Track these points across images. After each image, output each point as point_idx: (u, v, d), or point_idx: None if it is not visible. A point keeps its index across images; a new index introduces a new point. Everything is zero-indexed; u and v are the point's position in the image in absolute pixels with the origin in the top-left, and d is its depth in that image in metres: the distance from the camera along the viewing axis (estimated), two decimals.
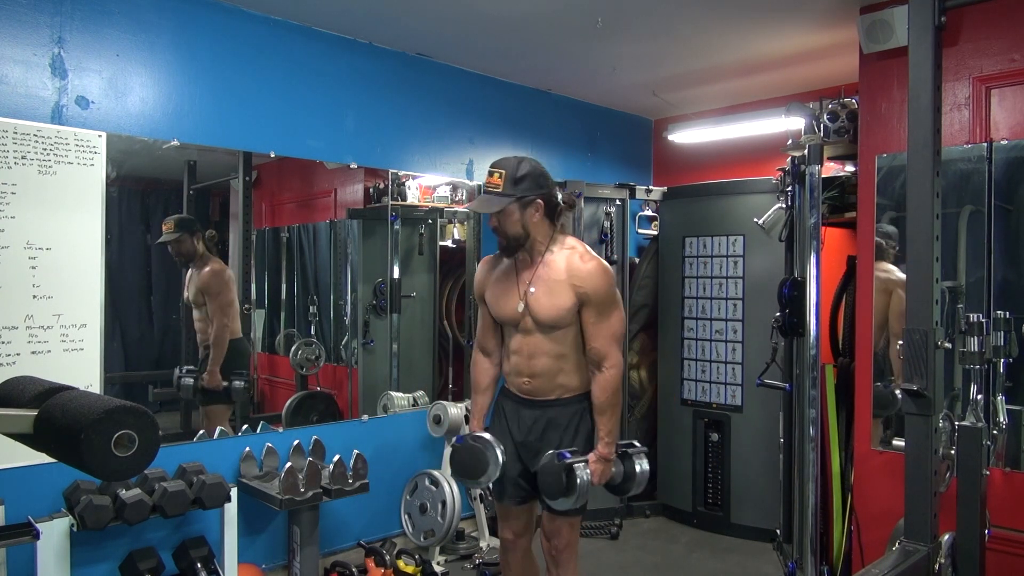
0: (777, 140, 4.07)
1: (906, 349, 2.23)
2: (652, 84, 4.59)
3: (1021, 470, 2.82)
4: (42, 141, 2.77)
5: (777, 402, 3.79)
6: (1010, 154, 2.90)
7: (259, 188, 3.58)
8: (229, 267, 3.50)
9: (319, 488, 3.17)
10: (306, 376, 3.85)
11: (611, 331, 2.47)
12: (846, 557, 3.40)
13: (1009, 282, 2.90)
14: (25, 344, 2.74)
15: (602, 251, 4.49)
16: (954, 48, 2.98)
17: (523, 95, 4.63)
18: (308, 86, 3.59)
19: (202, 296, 3.45)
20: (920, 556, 2.18)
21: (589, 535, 4.19)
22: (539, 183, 2.49)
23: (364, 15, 3.46)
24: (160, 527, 3.03)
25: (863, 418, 3.28)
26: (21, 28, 2.74)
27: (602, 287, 2.45)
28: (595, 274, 2.46)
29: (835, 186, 3.69)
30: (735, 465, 4.19)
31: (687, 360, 4.40)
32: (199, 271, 3.44)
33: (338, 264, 4.01)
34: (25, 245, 2.74)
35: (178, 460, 3.00)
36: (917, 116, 2.26)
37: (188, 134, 3.18)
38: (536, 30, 3.64)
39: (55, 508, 2.71)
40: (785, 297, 3.50)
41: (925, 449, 2.21)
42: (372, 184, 4.00)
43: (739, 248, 4.19)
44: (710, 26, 3.58)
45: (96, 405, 0.95)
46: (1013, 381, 2.81)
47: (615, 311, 2.49)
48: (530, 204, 2.47)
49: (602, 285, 2.45)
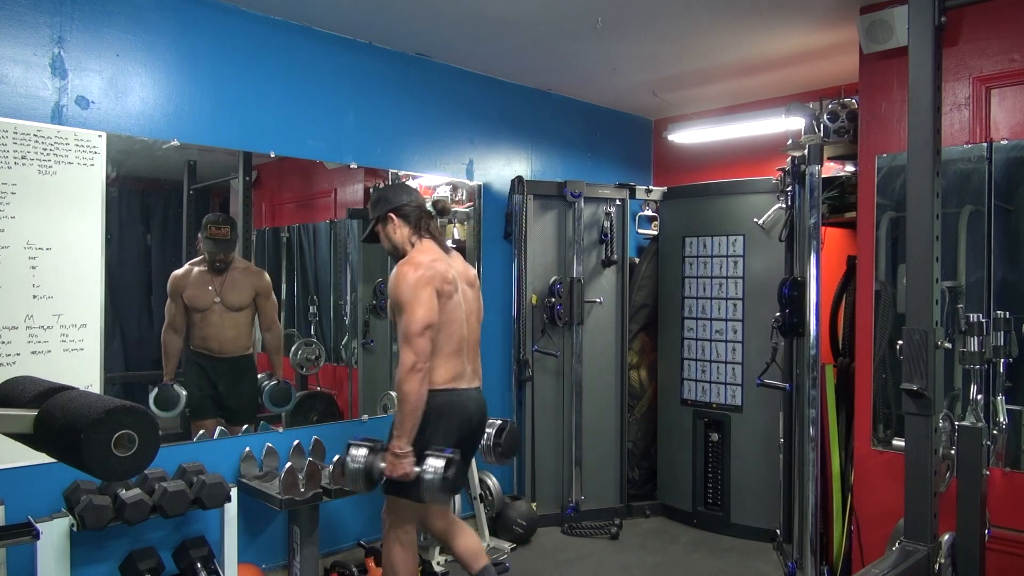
0: (777, 140, 4.07)
1: (906, 349, 2.23)
2: (652, 84, 4.59)
3: (1021, 470, 2.82)
4: (42, 141, 2.77)
5: (777, 402, 3.79)
6: (1010, 154, 2.90)
7: (259, 188, 3.58)
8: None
9: (319, 488, 3.17)
10: (306, 376, 3.85)
11: (401, 330, 2.66)
12: (846, 557, 3.40)
13: (1009, 282, 2.90)
14: (25, 344, 2.74)
15: (602, 251, 4.50)
16: (954, 48, 2.98)
17: (523, 95, 4.63)
18: (308, 86, 3.59)
19: (252, 300, 3.51)
20: (920, 556, 2.18)
21: (589, 535, 4.19)
22: (385, 201, 2.85)
23: (364, 15, 3.46)
24: (160, 527, 3.03)
25: (863, 418, 3.28)
26: (21, 28, 2.74)
27: (394, 290, 2.70)
28: (392, 279, 2.72)
29: (835, 186, 3.69)
30: (735, 465, 4.19)
31: (687, 360, 4.40)
32: (244, 273, 3.48)
33: (338, 264, 4.01)
34: (25, 245, 2.74)
35: (178, 460, 3.00)
36: (917, 116, 2.26)
37: (188, 134, 3.18)
38: (536, 30, 3.64)
39: (55, 508, 2.71)
40: (785, 297, 3.50)
41: (925, 449, 2.21)
42: (372, 184, 4.00)
43: (739, 248, 4.19)
44: (710, 26, 3.58)
45: (96, 405, 0.95)
46: (1013, 381, 2.81)
47: (404, 313, 2.65)
48: (385, 221, 2.84)
49: (394, 288, 2.70)
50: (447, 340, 2.75)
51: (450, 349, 2.76)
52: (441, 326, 2.71)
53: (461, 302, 2.82)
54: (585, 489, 4.38)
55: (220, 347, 3.45)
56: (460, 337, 2.80)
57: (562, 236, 4.48)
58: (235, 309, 3.46)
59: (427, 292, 2.66)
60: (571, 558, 3.89)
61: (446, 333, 2.74)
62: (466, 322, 2.84)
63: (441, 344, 2.72)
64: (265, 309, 3.57)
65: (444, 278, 2.74)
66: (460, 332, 2.80)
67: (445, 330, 2.74)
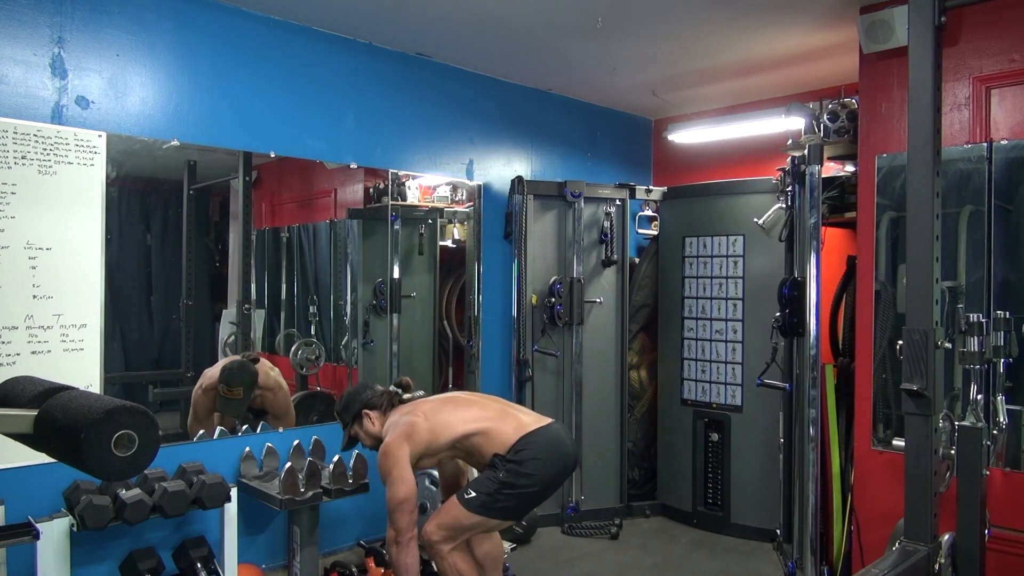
0: (777, 140, 4.07)
1: (906, 349, 2.23)
2: (652, 84, 4.59)
3: (1021, 470, 2.82)
4: (42, 141, 2.77)
5: (777, 402, 3.79)
6: (1010, 154, 2.90)
7: (259, 188, 3.58)
8: (230, 268, 3.52)
9: (319, 488, 3.17)
10: (306, 376, 3.85)
11: (387, 500, 2.76)
12: (846, 557, 3.40)
13: (1009, 282, 2.90)
14: (25, 344, 2.74)
15: (602, 251, 4.50)
16: (954, 48, 2.98)
17: (523, 95, 4.63)
18: (308, 86, 3.59)
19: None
20: (920, 556, 2.18)
21: (589, 535, 4.19)
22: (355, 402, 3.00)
23: (364, 15, 3.46)
24: (160, 527, 3.03)
25: (863, 418, 3.28)
26: (21, 28, 2.74)
27: (379, 468, 2.82)
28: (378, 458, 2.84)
29: (835, 186, 3.69)
30: (735, 465, 4.19)
31: (687, 360, 4.40)
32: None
33: (338, 264, 4.01)
34: (25, 245, 2.74)
35: (178, 460, 3.00)
36: (917, 116, 2.26)
37: (188, 134, 3.18)
38: (536, 30, 3.64)
39: (55, 508, 2.71)
40: (785, 297, 3.50)
41: (925, 449, 2.21)
42: (372, 184, 4.00)
43: (739, 248, 4.19)
44: (710, 26, 3.58)
45: (96, 405, 0.95)
46: (1013, 381, 2.81)
47: (387, 487, 2.76)
48: (361, 419, 2.98)
49: (379, 467, 2.82)
50: (477, 426, 2.84)
51: (486, 427, 2.83)
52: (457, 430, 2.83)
53: (452, 407, 2.93)
54: (585, 489, 4.38)
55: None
56: (486, 410, 2.90)
57: (562, 236, 4.47)
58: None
59: (402, 462, 2.75)
60: (571, 558, 3.89)
61: (471, 426, 2.84)
62: (481, 400, 3.01)
63: (477, 432, 2.83)
64: (274, 403, 3.58)
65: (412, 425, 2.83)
66: (479, 414, 2.88)
67: (468, 425, 2.84)
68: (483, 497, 2.73)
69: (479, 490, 2.75)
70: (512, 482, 2.72)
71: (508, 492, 2.73)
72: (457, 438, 2.82)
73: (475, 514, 2.73)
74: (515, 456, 2.75)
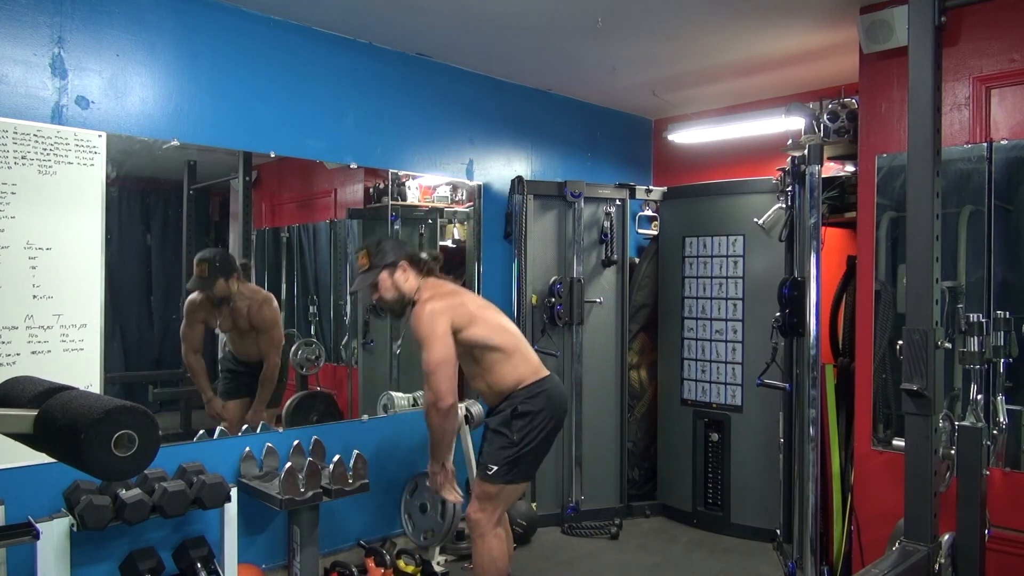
0: (777, 140, 4.07)
1: (906, 349, 2.23)
2: (652, 84, 4.59)
3: (1021, 470, 2.82)
4: (42, 141, 2.77)
5: (777, 402, 3.79)
6: (1010, 154, 2.90)
7: (259, 188, 3.58)
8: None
9: (319, 488, 3.17)
10: (306, 376, 3.85)
11: (423, 363, 2.73)
12: (846, 557, 3.40)
13: (1009, 282, 2.90)
14: (25, 344, 2.74)
15: (602, 251, 4.50)
16: (954, 48, 2.98)
17: (523, 95, 4.63)
18: (308, 86, 3.59)
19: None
20: (920, 556, 2.18)
21: (589, 535, 4.19)
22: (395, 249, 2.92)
23: (364, 15, 3.46)
24: (160, 527, 3.03)
25: (863, 418, 3.28)
26: (21, 28, 2.74)
27: (415, 328, 2.78)
28: (412, 320, 2.81)
29: (835, 186, 3.69)
30: (735, 465, 4.19)
31: (687, 360, 4.40)
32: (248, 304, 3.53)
33: (338, 264, 4.01)
34: (25, 245, 2.74)
35: (178, 460, 3.00)
36: (917, 116, 2.26)
37: (188, 134, 3.18)
38: (536, 30, 3.64)
39: (55, 508, 2.71)
40: (785, 297, 3.50)
41: (925, 449, 2.21)
42: (372, 184, 4.00)
43: (739, 248, 4.19)
44: (710, 26, 3.58)
45: (96, 405, 0.95)
46: (1013, 381, 2.81)
47: (424, 348, 2.73)
48: (396, 268, 2.89)
49: (414, 329, 2.78)
50: (504, 342, 2.87)
51: (511, 349, 2.87)
52: (490, 334, 2.85)
53: (489, 313, 2.94)
54: (585, 489, 4.38)
55: (246, 358, 3.58)
56: (513, 335, 2.93)
57: (562, 236, 4.48)
58: (245, 332, 3.54)
59: (442, 327, 2.73)
60: (571, 558, 3.89)
61: (499, 339, 2.86)
62: (507, 323, 3.00)
63: (502, 347, 2.85)
64: (259, 316, 3.57)
65: (460, 304, 2.84)
66: (507, 333, 2.92)
67: (498, 337, 2.86)
68: (504, 467, 2.80)
69: (497, 462, 2.81)
70: (525, 436, 2.80)
71: (526, 450, 2.81)
72: (484, 341, 2.84)
73: (502, 484, 2.83)
74: (527, 406, 2.81)
